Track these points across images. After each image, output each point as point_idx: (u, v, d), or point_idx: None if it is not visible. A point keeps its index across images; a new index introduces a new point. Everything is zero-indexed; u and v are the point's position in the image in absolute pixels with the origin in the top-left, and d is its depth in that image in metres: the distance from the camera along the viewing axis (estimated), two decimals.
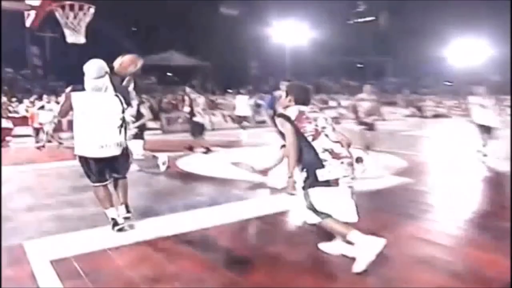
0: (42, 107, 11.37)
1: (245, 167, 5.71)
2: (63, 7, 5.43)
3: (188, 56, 29.09)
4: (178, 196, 5.05)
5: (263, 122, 17.79)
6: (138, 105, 6.67)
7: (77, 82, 3.64)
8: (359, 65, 37.70)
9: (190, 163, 7.49)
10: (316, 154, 2.88)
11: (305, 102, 3.12)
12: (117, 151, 3.57)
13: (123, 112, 3.61)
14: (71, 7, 5.48)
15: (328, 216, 2.88)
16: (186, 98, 9.13)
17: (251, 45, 31.65)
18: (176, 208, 4.43)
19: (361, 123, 6.93)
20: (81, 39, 6.10)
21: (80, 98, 3.57)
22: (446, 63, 30.88)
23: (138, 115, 6.65)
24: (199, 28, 29.76)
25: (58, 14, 5.48)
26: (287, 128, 2.97)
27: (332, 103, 21.66)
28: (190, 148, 8.92)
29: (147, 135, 6.91)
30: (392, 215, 4.12)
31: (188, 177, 6.24)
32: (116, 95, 3.60)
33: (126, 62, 4.08)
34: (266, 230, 3.81)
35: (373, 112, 6.94)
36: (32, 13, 5.32)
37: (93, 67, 3.59)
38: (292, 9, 27.61)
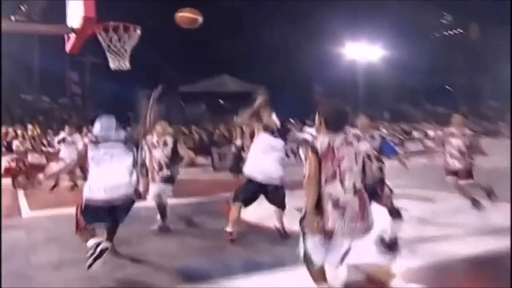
0: (63, 140, 10.90)
1: None
2: (106, 29, 5.51)
3: (243, 80, 29.58)
4: (234, 254, 4.83)
5: None
6: (175, 144, 6.58)
7: (117, 112, 3.95)
8: (447, 87, 36.21)
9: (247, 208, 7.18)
10: (322, 198, 3.08)
11: (339, 127, 3.20)
12: (121, 196, 4.31)
13: (134, 160, 4.47)
14: (115, 29, 5.54)
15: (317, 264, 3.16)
16: (238, 129, 9.04)
17: (316, 67, 31.64)
18: (233, 270, 4.20)
19: (450, 172, 6.68)
20: (126, 64, 6.16)
21: (93, 147, 4.45)
22: None
23: (174, 156, 6.54)
24: (255, 49, 30.31)
25: (101, 36, 5.56)
26: (310, 159, 3.11)
27: (415, 133, 20.79)
28: None
29: (195, 172, 6.80)
30: None
31: (246, 227, 5.99)
32: (126, 144, 4.52)
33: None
34: None
35: (470, 152, 6.49)
36: (73, 37, 5.45)
37: (101, 124, 4.59)
38: (366, 23, 27.40)
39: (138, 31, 5.80)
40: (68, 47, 5.91)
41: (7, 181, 11.85)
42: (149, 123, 4.81)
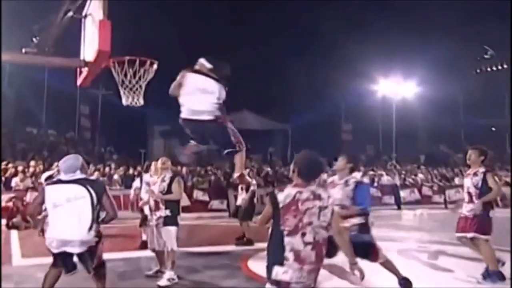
0: (50, 177, 10.58)
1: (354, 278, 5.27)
2: (121, 63, 5.69)
3: (265, 117, 29.80)
4: None
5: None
6: (171, 180, 6.61)
7: (128, 147, 3.87)
8: (492, 129, 35.71)
9: None
10: (283, 249, 3.30)
11: (311, 177, 3.46)
12: (79, 250, 4.36)
13: (93, 209, 4.45)
14: (131, 63, 5.72)
15: None
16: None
17: (345, 104, 31.77)
18: None
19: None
20: (140, 101, 6.31)
21: (52, 190, 4.54)
22: None
23: (169, 192, 6.57)
24: (279, 84, 30.66)
25: (114, 70, 5.73)
26: (266, 208, 3.46)
27: (458, 180, 20.45)
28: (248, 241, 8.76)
29: (209, 218, 6.76)
30: None
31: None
32: (88, 190, 4.45)
33: None
34: None
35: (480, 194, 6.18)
36: (85, 70, 5.64)
37: (65, 164, 4.60)
38: (401, 57, 27.54)
39: (155, 66, 5.96)
40: (79, 80, 6.09)
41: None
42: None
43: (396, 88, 28.70)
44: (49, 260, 6.68)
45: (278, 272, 3.32)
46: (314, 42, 30.13)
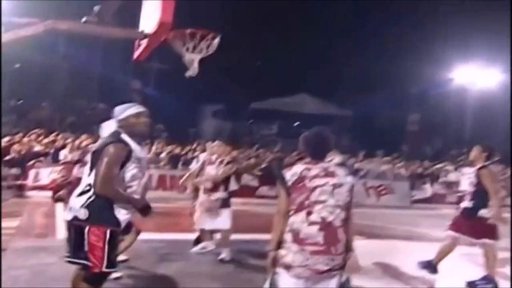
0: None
1: None
2: (181, 36, 5.84)
3: (325, 102, 29.54)
4: None
5: (420, 201, 16.99)
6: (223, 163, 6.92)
7: (178, 126, 4.06)
8: None
9: None
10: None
11: (318, 155, 3.46)
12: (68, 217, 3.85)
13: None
14: (192, 36, 5.85)
15: None
16: None
17: (414, 93, 30.89)
18: None
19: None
20: (195, 71, 6.45)
21: None
22: None
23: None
24: (343, 68, 30.25)
25: (175, 43, 5.89)
26: (280, 194, 3.42)
27: None
28: None
29: (258, 205, 6.92)
30: None
31: None
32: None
33: None
34: None
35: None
36: (144, 43, 5.83)
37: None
38: (482, 41, 26.29)
39: (217, 40, 6.05)
40: (136, 53, 6.31)
41: (47, 194, 12.74)
42: None
43: (475, 76, 27.41)
44: None
45: (281, 255, 3.33)
46: (383, 23, 29.42)
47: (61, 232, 8.15)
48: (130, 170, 3.71)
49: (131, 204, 3.75)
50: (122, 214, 3.68)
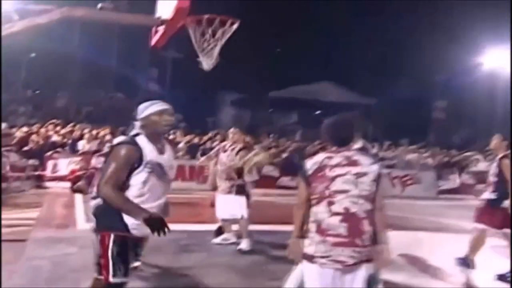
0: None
1: None
2: (199, 22, 5.85)
3: (346, 89, 29.37)
4: None
5: (447, 191, 16.82)
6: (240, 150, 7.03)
7: (196, 115, 3.91)
8: None
9: None
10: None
11: (341, 142, 3.40)
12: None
13: None
14: (210, 22, 5.85)
15: None
16: None
17: (441, 78, 30.47)
18: None
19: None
20: (212, 62, 6.47)
21: None
22: None
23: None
24: (366, 54, 29.98)
25: (192, 30, 5.91)
26: (300, 183, 3.44)
27: None
28: None
29: (279, 195, 6.95)
30: None
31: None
32: None
33: None
34: None
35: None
36: (160, 29, 5.86)
37: None
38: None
39: (235, 26, 6.03)
40: (153, 40, 6.34)
41: (66, 185, 12.92)
42: None
43: (506, 60, 26.75)
44: None
45: (304, 245, 3.34)
46: (408, 7, 29.04)
47: (81, 223, 8.36)
48: (139, 175, 3.44)
49: (132, 214, 3.36)
50: (132, 219, 3.38)
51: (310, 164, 3.38)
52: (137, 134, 3.54)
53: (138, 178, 3.43)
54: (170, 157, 3.69)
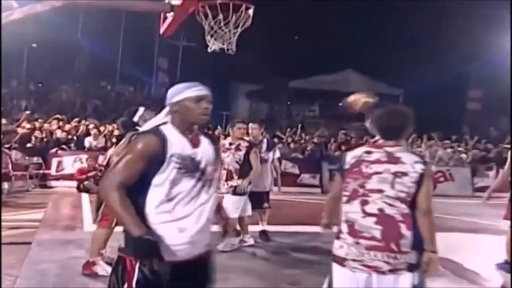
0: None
1: None
2: (211, 8, 5.82)
3: (372, 79, 29.16)
4: None
5: (484, 189, 16.60)
6: (248, 151, 6.96)
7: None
8: None
9: None
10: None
11: (391, 136, 3.33)
12: None
13: None
14: (223, 8, 5.82)
15: None
16: None
17: (475, 66, 30.09)
18: None
19: None
20: (233, 48, 6.43)
21: None
22: None
23: (246, 165, 6.95)
24: (392, 42, 29.71)
25: (203, 15, 5.89)
26: (335, 178, 3.52)
27: None
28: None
29: (300, 194, 6.90)
30: None
31: None
32: None
33: None
34: None
35: None
36: (170, 16, 5.85)
37: None
38: None
39: (250, 12, 5.97)
40: (162, 28, 6.35)
41: (72, 184, 13.06)
42: None
43: None
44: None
45: (335, 246, 3.29)
46: None
47: (89, 224, 8.42)
48: (165, 173, 2.82)
49: (126, 227, 2.74)
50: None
51: (350, 157, 3.36)
52: (162, 123, 2.99)
53: (163, 177, 2.81)
54: (208, 151, 3.05)
